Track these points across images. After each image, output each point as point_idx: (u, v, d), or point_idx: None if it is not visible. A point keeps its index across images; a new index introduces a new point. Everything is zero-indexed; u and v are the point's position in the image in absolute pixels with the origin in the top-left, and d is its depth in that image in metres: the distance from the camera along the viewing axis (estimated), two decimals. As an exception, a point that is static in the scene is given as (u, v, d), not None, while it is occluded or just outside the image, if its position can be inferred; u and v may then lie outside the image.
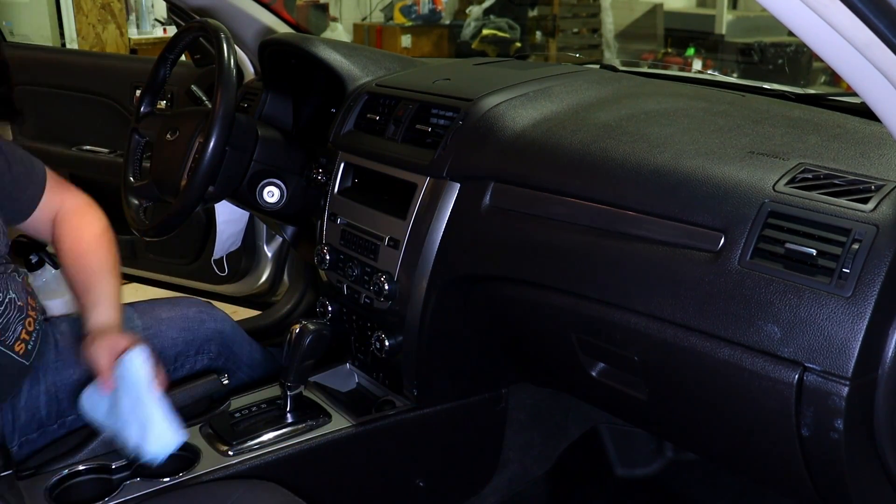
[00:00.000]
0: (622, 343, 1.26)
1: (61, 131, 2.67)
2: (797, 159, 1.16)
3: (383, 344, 1.57)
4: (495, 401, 1.70)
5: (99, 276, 1.48)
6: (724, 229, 1.11)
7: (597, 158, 1.30)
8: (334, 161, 1.72)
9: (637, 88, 1.63)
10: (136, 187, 1.79)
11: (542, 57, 6.48)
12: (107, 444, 1.41)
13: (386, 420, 1.57)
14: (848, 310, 0.99)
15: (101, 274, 1.49)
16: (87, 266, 1.49)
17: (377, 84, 1.75)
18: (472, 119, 1.49)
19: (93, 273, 1.48)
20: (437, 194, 1.49)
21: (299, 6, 6.13)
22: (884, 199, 1.03)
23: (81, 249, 1.51)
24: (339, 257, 1.68)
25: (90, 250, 1.51)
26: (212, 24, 1.70)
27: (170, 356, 1.59)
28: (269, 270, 2.41)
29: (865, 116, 1.35)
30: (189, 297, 1.78)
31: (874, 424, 1.05)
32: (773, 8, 0.86)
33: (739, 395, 1.11)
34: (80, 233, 1.53)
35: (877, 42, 0.82)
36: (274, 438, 1.48)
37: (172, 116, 1.80)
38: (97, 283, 1.47)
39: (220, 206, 2.11)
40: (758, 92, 1.68)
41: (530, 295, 1.38)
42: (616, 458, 1.94)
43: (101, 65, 2.70)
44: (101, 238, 1.54)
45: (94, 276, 1.48)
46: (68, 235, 1.53)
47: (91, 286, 1.47)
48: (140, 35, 4.34)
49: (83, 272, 1.48)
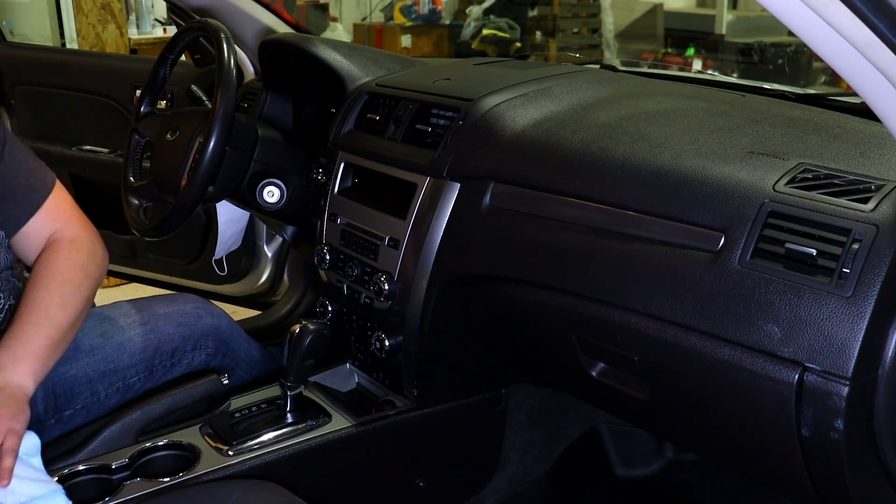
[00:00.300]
0: (622, 343, 1.26)
1: (61, 131, 2.66)
2: (797, 159, 1.16)
3: (383, 344, 1.57)
4: (495, 401, 1.70)
5: (38, 325, 1.26)
6: (724, 229, 1.11)
7: (597, 158, 1.30)
8: (334, 161, 1.72)
9: (637, 88, 1.63)
10: (136, 187, 1.79)
11: (542, 57, 6.48)
12: (107, 443, 1.41)
13: (386, 420, 1.57)
14: (848, 310, 0.99)
15: (40, 325, 1.26)
16: (33, 306, 1.27)
17: (377, 84, 1.75)
18: (472, 119, 1.49)
19: (33, 317, 1.26)
20: (437, 194, 1.49)
21: (299, 6, 6.13)
22: (884, 199, 1.03)
23: (38, 287, 1.31)
24: (339, 257, 1.68)
25: (46, 291, 1.30)
26: (212, 24, 1.70)
27: (167, 351, 1.59)
28: (269, 270, 2.40)
29: (865, 116, 1.35)
30: (186, 294, 1.78)
31: (874, 424, 1.05)
32: (773, 8, 0.86)
33: (739, 395, 1.11)
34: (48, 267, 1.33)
35: (877, 42, 0.82)
36: (274, 438, 1.48)
37: (172, 116, 1.80)
38: (30, 333, 1.24)
39: (221, 205, 2.11)
40: (758, 92, 1.68)
41: (530, 295, 1.38)
42: (616, 458, 1.94)
43: (101, 65, 2.70)
44: (69, 282, 1.33)
45: (31, 321, 1.25)
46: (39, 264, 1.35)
47: (22, 330, 1.24)
48: (140, 35, 4.33)
49: (25, 310, 1.27)
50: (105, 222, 1.55)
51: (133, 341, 1.57)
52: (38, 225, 1.40)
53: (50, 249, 1.39)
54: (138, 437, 1.46)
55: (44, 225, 1.41)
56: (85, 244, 1.42)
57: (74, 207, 1.47)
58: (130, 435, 1.45)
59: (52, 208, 1.42)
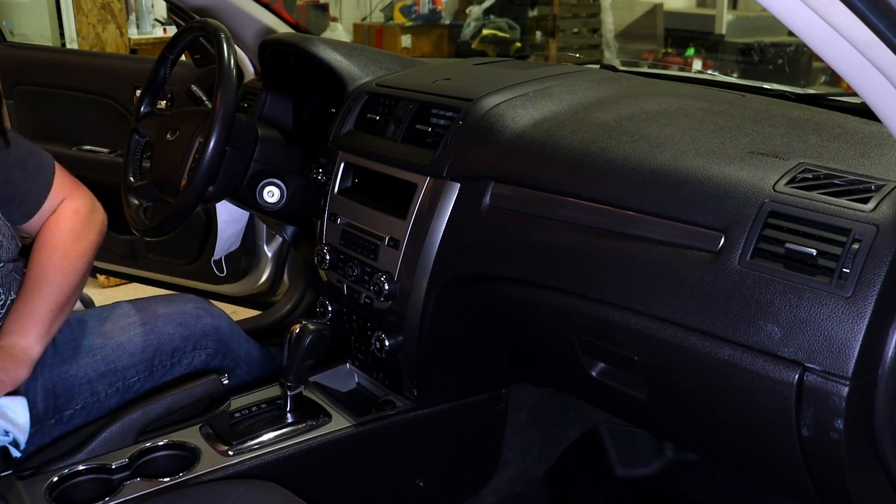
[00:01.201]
0: (622, 343, 1.26)
1: (61, 131, 2.66)
2: (797, 159, 1.16)
3: (383, 344, 1.57)
4: (495, 401, 1.70)
5: (42, 293, 1.34)
6: (725, 229, 1.11)
7: (597, 158, 1.30)
8: (334, 161, 1.72)
9: (637, 88, 1.63)
10: (136, 187, 1.79)
11: (542, 57, 6.48)
12: (107, 443, 1.41)
13: (386, 420, 1.57)
14: (848, 310, 0.99)
15: (45, 292, 1.34)
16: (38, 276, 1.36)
17: (377, 84, 1.75)
18: (472, 119, 1.49)
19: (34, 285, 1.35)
20: (438, 194, 1.49)
21: (299, 6, 6.13)
22: (884, 199, 1.03)
23: (43, 257, 1.39)
24: (339, 257, 1.68)
25: (51, 261, 1.39)
26: (212, 24, 1.70)
27: (167, 352, 1.60)
28: (269, 270, 2.40)
29: (865, 116, 1.35)
30: (186, 294, 1.78)
31: (874, 424, 1.05)
32: (773, 8, 0.86)
33: (739, 395, 1.11)
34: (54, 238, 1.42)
35: (877, 42, 0.82)
36: (274, 438, 1.48)
37: (172, 116, 1.80)
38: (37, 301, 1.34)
39: (220, 205, 2.11)
40: (758, 92, 1.68)
41: (530, 295, 1.38)
42: (616, 458, 1.94)
43: (101, 65, 2.70)
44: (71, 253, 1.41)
45: (36, 289, 1.34)
46: (43, 234, 1.43)
47: (28, 298, 1.33)
48: (140, 35, 4.33)
49: (29, 279, 1.36)
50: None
51: (133, 341, 1.57)
52: (50, 202, 1.49)
53: (53, 219, 1.47)
54: (138, 437, 1.46)
55: (53, 201, 1.49)
56: (85, 212, 1.51)
57: (72, 178, 1.55)
58: (130, 435, 1.45)
59: (57, 183, 1.51)
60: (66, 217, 1.49)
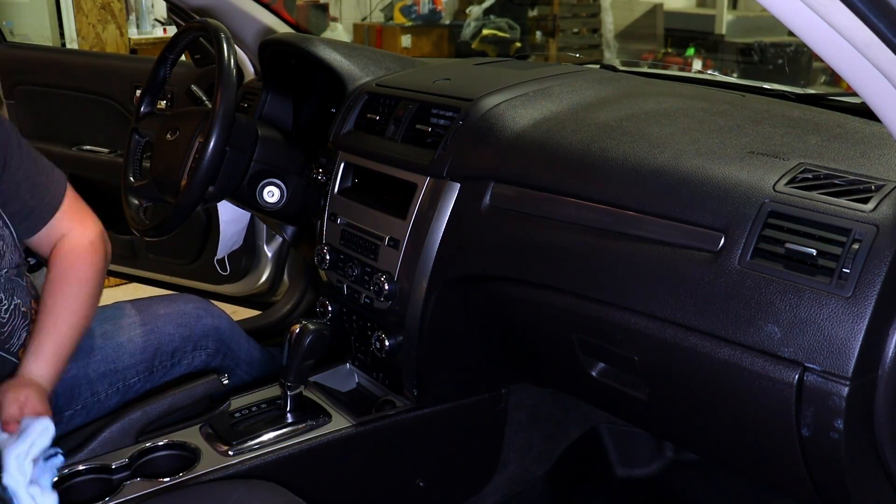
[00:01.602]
0: (622, 343, 1.26)
1: (61, 131, 2.66)
2: (797, 159, 1.16)
3: (383, 344, 1.57)
4: (495, 401, 1.70)
5: (56, 325, 1.39)
6: (725, 229, 1.11)
7: (597, 158, 1.30)
8: (334, 161, 1.72)
9: (637, 88, 1.63)
10: (136, 187, 1.79)
11: (542, 57, 6.48)
12: (107, 443, 1.41)
13: (386, 420, 1.57)
14: (848, 310, 0.99)
15: (59, 324, 1.39)
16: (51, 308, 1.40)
17: (377, 84, 1.75)
18: (472, 119, 1.49)
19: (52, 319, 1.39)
20: (438, 194, 1.49)
21: (299, 6, 6.13)
22: (884, 200, 1.03)
23: (61, 290, 1.42)
24: (339, 257, 1.68)
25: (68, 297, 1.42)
26: (212, 24, 1.70)
27: (167, 352, 1.60)
28: (269, 270, 2.40)
29: (865, 116, 1.35)
30: (186, 294, 1.78)
31: (874, 424, 1.05)
32: (773, 8, 0.86)
33: (739, 395, 1.11)
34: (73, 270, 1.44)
35: (877, 42, 0.82)
36: (274, 438, 1.48)
37: (172, 116, 1.80)
38: (50, 332, 1.38)
39: (221, 205, 2.11)
40: (758, 92, 1.68)
41: (530, 295, 1.38)
42: (616, 458, 1.94)
43: (101, 65, 2.70)
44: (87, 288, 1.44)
45: (51, 323, 1.39)
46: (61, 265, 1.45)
47: (43, 330, 1.38)
48: (140, 35, 4.33)
49: (44, 312, 1.40)
50: (105, 222, 1.55)
51: (133, 342, 1.57)
52: (58, 222, 1.47)
53: (70, 249, 1.46)
54: (138, 437, 1.46)
55: (62, 222, 1.47)
56: (99, 243, 1.49)
57: (85, 205, 1.53)
58: (130, 435, 1.45)
59: (67, 207, 1.48)
60: (84, 250, 1.47)
